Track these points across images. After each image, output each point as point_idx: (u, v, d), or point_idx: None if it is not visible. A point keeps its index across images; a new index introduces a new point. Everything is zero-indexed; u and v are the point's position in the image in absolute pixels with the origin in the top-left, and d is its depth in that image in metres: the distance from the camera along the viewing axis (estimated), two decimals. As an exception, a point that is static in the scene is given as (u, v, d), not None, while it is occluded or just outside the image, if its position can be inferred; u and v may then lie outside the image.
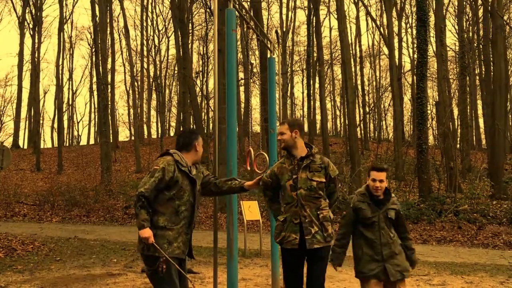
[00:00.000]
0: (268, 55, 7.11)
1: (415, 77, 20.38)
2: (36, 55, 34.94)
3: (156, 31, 39.74)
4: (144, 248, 3.66)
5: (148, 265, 3.70)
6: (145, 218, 3.59)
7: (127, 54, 37.10)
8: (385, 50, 31.42)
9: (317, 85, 31.54)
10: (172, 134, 42.27)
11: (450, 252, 10.60)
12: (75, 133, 49.59)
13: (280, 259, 4.34)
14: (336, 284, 6.97)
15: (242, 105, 30.93)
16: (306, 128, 29.29)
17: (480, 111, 32.14)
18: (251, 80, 25.38)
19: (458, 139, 25.59)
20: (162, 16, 39.58)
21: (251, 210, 10.44)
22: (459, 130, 26.50)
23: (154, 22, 39.59)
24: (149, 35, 38.61)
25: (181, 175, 3.80)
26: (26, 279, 7.15)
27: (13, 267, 8.09)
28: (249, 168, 6.12)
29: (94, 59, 26.36)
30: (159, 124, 40.40)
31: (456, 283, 7.07)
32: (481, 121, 32.25)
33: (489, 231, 12.89)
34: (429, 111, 24.62)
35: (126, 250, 10.34)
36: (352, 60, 30.24)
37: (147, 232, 3.57)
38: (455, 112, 27.96)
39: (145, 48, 37.19)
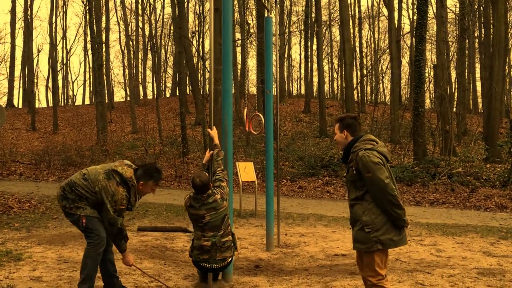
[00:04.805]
0: (266, 15, 6.98)
1: (414, 39, 20.10)
2: (29, 12, 34.21)
3: (151, -12, 38.76)
4: (66, 206, 4.24)
5: (71, 218, 4.30)
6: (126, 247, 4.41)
7: (122, 12, 36.40)
8: (385, 11, 30.90)
9: (314, 47, 31.18)
10: (168, 95, 41.95)
11: (442, 214, 10.76)
12: (70, 92, 49.17)
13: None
14: (329, 244, 7.10)
15: (239, 66, 30.59)
16: (303, 90, 28.94)
17: (478, 75, 31.89)
18: (248, 41, 25.00)
19: (455, 102, 25.54)
20: (157, -27, 38.46)
21: (246, 171, 10.50)
22: (456, 94, 26.41)
23: (149, -21, 38.55)
24: (144, -7, 37.68)
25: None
26: (23, 236, 7.23)
27: (10, 225, 8.17)
28: (247, 130, 6.12)
29: (88, 17, 25.73)
30: (154, 84, 39.99)
31: (447, 243, 7.21)
32: (478, 84, 32.06)
33: (482, 194, 13.06)
34: (427, 74, 24.46)
35: (123, 209, 10.43)
36: (350, 21, 29.77)
37: (131, 259, 4.51)
38: (453, 75, 27.73)
39: (140, 7, 36.31)
